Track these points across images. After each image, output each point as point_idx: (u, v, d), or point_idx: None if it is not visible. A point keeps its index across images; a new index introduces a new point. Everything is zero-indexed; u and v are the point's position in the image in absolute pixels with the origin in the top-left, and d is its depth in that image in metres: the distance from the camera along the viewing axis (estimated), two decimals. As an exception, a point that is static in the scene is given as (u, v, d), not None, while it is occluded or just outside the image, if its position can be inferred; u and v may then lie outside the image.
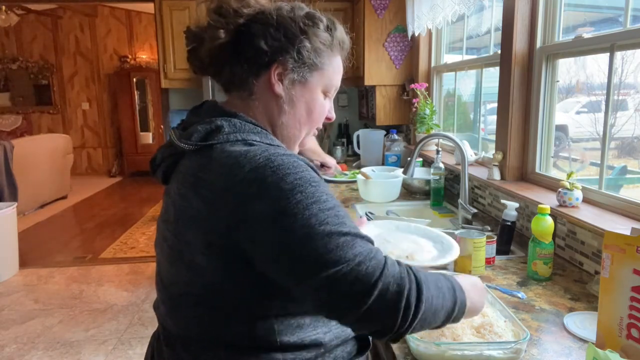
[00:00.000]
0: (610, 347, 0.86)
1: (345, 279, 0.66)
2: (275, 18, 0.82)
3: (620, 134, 1.65)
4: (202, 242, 0.74)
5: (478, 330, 0.95)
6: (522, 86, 1.85)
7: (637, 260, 0.83)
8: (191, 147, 0.78)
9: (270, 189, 0.69)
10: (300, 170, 0.71)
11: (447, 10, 2.29)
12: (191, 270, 0.77)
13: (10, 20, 5.90)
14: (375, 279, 0.67)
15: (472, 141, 2.48)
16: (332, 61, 0.88)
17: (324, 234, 0.67)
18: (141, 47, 8.02)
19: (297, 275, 0.69)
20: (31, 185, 5.47)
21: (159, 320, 0.90)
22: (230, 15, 0.81)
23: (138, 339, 2.79)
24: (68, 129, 8.01)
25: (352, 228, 0.71)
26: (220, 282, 0.75)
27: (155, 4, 3.66)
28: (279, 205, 0.68)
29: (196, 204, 0.74)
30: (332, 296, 0.67)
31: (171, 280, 0.83)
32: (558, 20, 1.73)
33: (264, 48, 0.81)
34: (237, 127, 0.79)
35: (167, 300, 0.85)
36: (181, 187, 0.79)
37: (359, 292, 0.66)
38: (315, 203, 0.69)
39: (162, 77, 3.75)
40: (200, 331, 0.80)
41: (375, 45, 3.23)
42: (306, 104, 0.87)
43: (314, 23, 0.84)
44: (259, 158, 0.71)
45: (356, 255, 0.68)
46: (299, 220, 0.67)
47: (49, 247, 4.50)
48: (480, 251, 1.33)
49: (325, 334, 0.82)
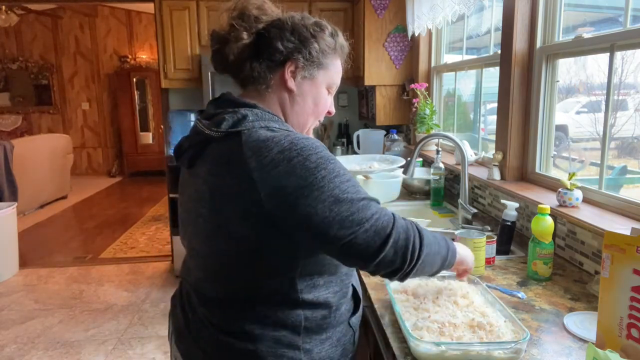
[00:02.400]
0: (610, 347, 0.86)
1: (367, 233, 0.83)
2: (290, 24, 0.97)
3: (620, 134, 1.65)
4: (239, 213, 0.86)
5: (478, 330, 0.95)
6: (522, 86, 1.85)
7: (637, 260, 0.83)
8: (222, 134, 0.89)
9: (297, 167, 0.82)
10: (320, 151, 0.86)
11: (447, 10, 2.29)
12: (230, 238, 0.89)
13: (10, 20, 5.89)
14: (389, 230, 0.85)
15: (472, 141, 2.48)
16: (335, 62, 1.03)
17: (347, 200, 0.83)
18: (141, 47, 8.02)
19: (327, 235, 0.83)
20: (31, 185, 5.47)
21: (191, 285, 1.01)
22: (251, 20, 0.96)
23: (138, 339, 2.79)
24: (68, 129, 8.01)
25: (366, 194, 0.87)
26: (255, 247, 0.88)
27: (155, 4, 3.66)
28: (307, 180, 0.82)
29: (231, 181, 0.86)
30: (357, 247, 0.83)
31: (209, 251, 0.94)
32: (558, 20, 1.73)
33: (280, 48, 0.95)
34: (259, 116, 0.92)
35: (204, 268, 0.97)
36: (213, 169, 0.90)
37: (378, 241, 0.84)
38: (336, 177, 0.84)
39: (162, 77, 3.74)
40: (236, 292, 0.93)
41: (375, 45, 3.23)
42: (313, 97, 1.01)
43: (321, 29, 1.00)
44: (284, 142, 0.85)
45: (373, 214, 0.85)
46: (327, 191, 0.82)
47: (49, 247, 4.50)
48: (480, 251, 1.33)
49: (335, 294, 0.97)
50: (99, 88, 8.04)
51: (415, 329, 0.97)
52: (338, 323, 0.99)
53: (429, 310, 1.04)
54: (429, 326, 0.97)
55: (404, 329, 0.96)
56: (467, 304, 1.07)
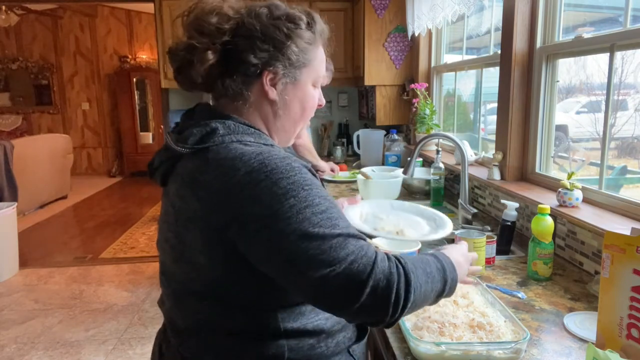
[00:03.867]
0: (610, 347, 0.86)
1: (339, 278, 0.70)
2: (259, 29, 0.82)
3: (620, 134, 1.65)
4: (201, 241, 0.77)
5: (478, 330, 0.95)
6: (522, 86, 1.85)
7: (637, 260, 0.83)
8: (187, 150, 0.80)
9: (264, 193, 0.71)
10: (293, 174, 0.73)
11: (447, 10, 2.29)
12: (193, 268, 0.80)
13: (10, 20, 5.90)
14: (366, 276, 0.71)
15: (472, 141, 2.48)
16: (317, 54, 0.90)
17: (317, 236, 0.70)
18: (141, 47, 8.01)
19: (291, 274, 0.72)
20: (31, 185, 5.47)
21: (165, 315, 0.93)
22: (213, 33, 0.81)
23: (138, 339, 2.79)
24: (68, 129, 8.00)
25: (344, 228, 0.74)
26: (221, 278, 0.79)
27: (155, 4, 3.66)
28: (272, 209, 0.71)
29: (193, 204, 0.77)
30: (326, 294, 0.71)
31: (175, 278, 0.86)
32: (558, 20, 1.73)
33: (254, 61, 0.82)
34: (232, 128, 0.81)
35: (171, 296, 0.89)
36: (179, 189, 0.81)
37: (351, 289, 0.70)
38: (308, 207, 0.72)
39: (162, 77, 3.75)
40: (205, 323, 0.83)
41: (375, 45, 3.23)
42: (300, 101, 0.90)
43: (296, 24, 0.85)
44: (253, 162, 0.74)
45: (348, 254, 0.71)
46: (293, 224, 0.70)
47: (49, 247, 4.50)
48: (480, 251, 1.33)
49: (327, 319, 0.85)
50: (99, 88, 8.04)
51: (415, 329, 0.97)
52: (333, 353, 0.86)
53: (428, 310, 1.04)
54: (429, 326, 0.97)
55: (403, 329, 0.96)
56: (467, 304, 1.07)
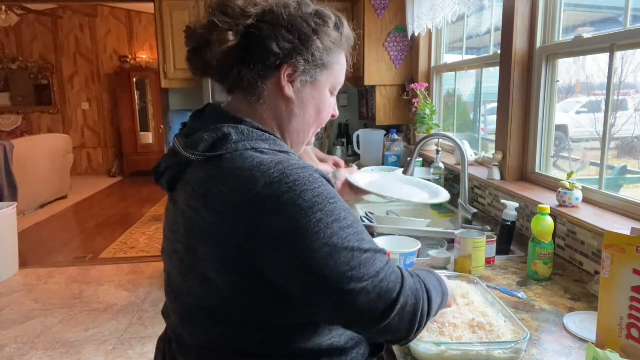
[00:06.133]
0: (610, 347, 0.86)
1: (369, 295, 0.67)
2: (286, 18, 0.77)
3: (620, 134, 1.65)
4: (216, 256, 0.72)
5: (478, 330, 0.95)
6: (522, 86, 1.85)
7: (637, 260, 0.83)
8: (199, 158, 0.75)
9: (288, 206, 0.67)
10: (317, 186, 0.69)
11: (447, 10, 2.29)
12: (205, 283, 0.75)
13: (10, 20, 5.89)
14: (397, 294, 0.70)
15: (472, 141, 2.48)
16: (340, 59, 0.87)
17: (347, 251, 0.67)
18: (141, 47, 8.01)
19: (318, 291, 0.69)
20: (31, 185, 5.47)
21: (171, 328, 0.89)
22: (237, 15, 0.77)
23: (138, 339, 2.79)
24: (68, 129, 8.00)
25: (371, 244, 0.72)
26: (234, 295, 0.74)
27: (155, 4, 3.66)
28: (299, 224, 0.67)
29: (209, 217, 0.72)
30: (354, 311, 0.68)
31: (184, 292, 0.81)
32: (558, 20, 1.73)
33: (276, 50, 0.77)
34: (245, 134, 0.76)
35: (179, 311, 0.84)
36: (190, 199, 0.76)
37: (382, 307, 0.68)
38: (335, 221, 0.68)
39: (162, 77, 3.75)
40: (215, 341, 0.79)
41: (375, 45, 3.23)
42: (316, 104, 0.85)
43: (324, 22, 0.81)
44: (273, 172, 0.69)
45: (378, 271, 0.69)
46: (322, 239, 0.66)
47: (49, 247, 4.50)
48: (480, 251, 1.33)
49: (341, 336, 0.82)
50: (99, 88, 8.04)
51: (415, 329, 0.96)
52: None
53: (429, 310, 1.04)
54: (429, 326, 0.96)
55: (404, 329, 0.95)
56: (467, 303, 1.07)
